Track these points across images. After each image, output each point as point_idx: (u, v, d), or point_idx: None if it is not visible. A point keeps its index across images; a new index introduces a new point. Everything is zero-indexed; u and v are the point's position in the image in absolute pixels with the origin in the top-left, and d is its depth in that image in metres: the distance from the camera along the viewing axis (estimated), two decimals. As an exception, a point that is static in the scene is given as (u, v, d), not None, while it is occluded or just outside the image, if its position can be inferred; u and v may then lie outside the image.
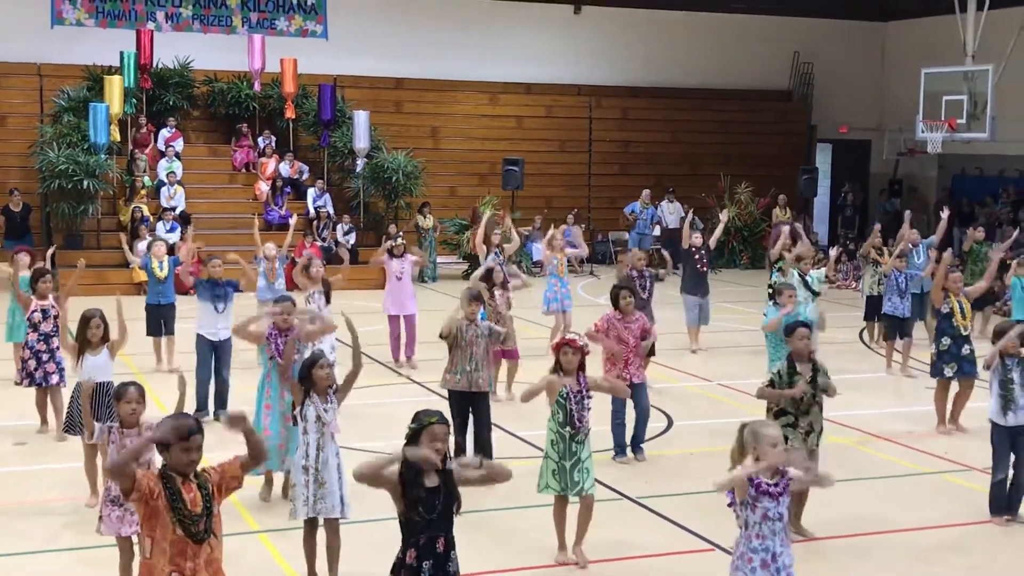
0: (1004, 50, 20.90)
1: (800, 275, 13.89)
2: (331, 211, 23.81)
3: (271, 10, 26.26)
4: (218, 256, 12.50)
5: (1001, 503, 8.76)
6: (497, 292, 12.37)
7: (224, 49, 25.46)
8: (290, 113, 24.92)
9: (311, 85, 25.38)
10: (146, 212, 21.96)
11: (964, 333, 11.31)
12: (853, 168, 31.47)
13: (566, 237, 25.22)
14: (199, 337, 11.83)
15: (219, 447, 6.14)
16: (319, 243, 22.58)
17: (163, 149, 24.12)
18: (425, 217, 23.79)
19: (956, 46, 21.81)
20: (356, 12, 26.70)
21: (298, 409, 7.50)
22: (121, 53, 23.65)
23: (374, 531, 7.83)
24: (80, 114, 22.81)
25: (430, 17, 27.57)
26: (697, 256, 16.00)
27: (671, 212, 26.61)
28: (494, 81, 28.36)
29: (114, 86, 22.58)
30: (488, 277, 12.43)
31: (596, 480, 7.97)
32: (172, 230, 21.76)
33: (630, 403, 10.23)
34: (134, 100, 23.82)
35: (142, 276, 17.59)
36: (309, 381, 7.46)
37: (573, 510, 7.87)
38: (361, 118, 24.17)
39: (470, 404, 9.68)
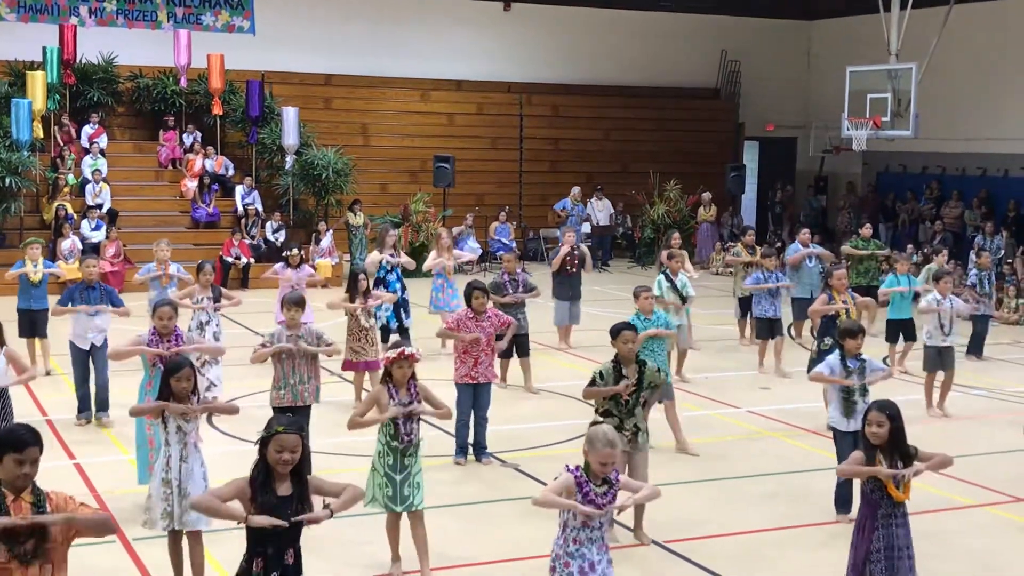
0: (927, 48, 21.21)
1: (669, 279, 13.22)
2: (260, 209, 23.55)
3: (197, 5, 25.85)
4: (94, 256, 12.03)
5: (846, 502, 8.71)
6: (358, 300, 12.03)
7: (149, 44, 25.04)
8: (217, 109, 24.58)
9: (239, 81, 25.08)
10: (70, 210, 21.53)
11: None
12: (780, 165, 31.84)
13: (499, 236, 25.51)
14: (71, 344, 11.42)
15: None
16: (248, 241, 22.34)
17: (87, 146, 23.68)
18: (356, 215, 23.63)
19: (880, 45, 22.08)
20: (284, 7, 26.42)
21: (158, 420, 7.14)
22: (44, 48, 23.19)
23: (239, 537, 6.81)
24: (1, 110, 22.30)
25: (359, 13, 27.38)
26: (569, 258, 15.58)
27: (600, 209, 26.76)
28: (424, 78, 28.23)
29: (36, 82, 22.11)
30: (354, 284, 12.18)
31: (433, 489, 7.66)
32: (98, 228, 21.38)
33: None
34: (57, 96, 23.36)
35: (71, 275, 16.13)
36: (168, 391, 7.05)
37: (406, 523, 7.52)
38: (290, 114, 23.95)
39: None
